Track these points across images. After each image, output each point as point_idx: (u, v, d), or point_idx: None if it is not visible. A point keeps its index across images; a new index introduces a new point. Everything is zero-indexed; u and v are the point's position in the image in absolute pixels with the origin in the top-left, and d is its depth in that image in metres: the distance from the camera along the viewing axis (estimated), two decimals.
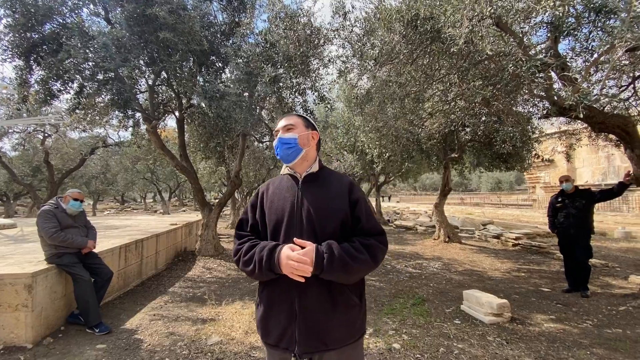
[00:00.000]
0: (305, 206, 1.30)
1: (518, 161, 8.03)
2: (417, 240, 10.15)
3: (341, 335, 1.27)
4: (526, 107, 5.77)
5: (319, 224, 1.27)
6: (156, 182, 22.66)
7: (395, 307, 4.17)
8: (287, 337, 1.25)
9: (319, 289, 1.24)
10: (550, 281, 5.37)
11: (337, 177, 1.40)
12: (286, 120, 1.41)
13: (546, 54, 3.56)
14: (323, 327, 1.24)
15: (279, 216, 1.31)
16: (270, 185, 1.44)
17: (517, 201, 26.97)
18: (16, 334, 3.06)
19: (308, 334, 1.23)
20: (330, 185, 1.36)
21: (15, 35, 4.32)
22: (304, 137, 1.38)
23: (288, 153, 1.36)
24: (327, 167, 1.46)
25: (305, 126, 1.41)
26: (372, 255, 1.26)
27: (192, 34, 4.63)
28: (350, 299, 1.29)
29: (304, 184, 1.36)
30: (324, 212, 1.29)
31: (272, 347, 1.30)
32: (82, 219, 3.91)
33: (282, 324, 1.26)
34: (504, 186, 49.95)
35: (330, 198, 1.32)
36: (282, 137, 1.37)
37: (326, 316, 1.24)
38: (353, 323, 1.30)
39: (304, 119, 1.45)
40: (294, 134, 1.37)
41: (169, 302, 4.43)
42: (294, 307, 1.24)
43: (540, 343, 3.15)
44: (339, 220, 1.29)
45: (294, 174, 1.40)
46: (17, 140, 12.06)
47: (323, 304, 1.24)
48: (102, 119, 6.36)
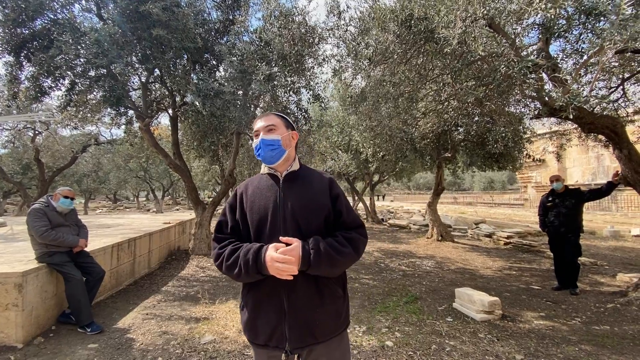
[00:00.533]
0: (288, 204, 1.30)
1: (510, 161, 8.13)
2: (411, 239, 10.22)
3: (329, 327, 1.30)
4: (518, 107, 5.85)
5: (303, 221, 1.28)
6: (149, 181, 22.45)
7: (389, 305, 4.21)
8: (276, 336, 1.26)
9: (307, 284, 1.26)
10: (541, 279, 5.46)
11: (317, 175, 1.41)
12: (266, 120, 1.40)
13: (537, 55, 3.61)
14: (313, 321, 1.26)
15: (262, 216, 1.31)
16: (249, 185, 1.42)
17: (509, 200, 27.29)
18: (6, 333, 3.02)
19: (299, 329, 1.25)
20: (312, 183, 1.37)
21: (5, 30, 4.25)
22: (286, 138, 1.39)
23: (272, 155, 1.36)
24: (306, 166, 1.48)
25: (285, 127, 1.41)
26: (355, 248, 1.30)
27: (186, 31, 4.60)
28: (335, 291, 1.32)
29: (285, 183, 1.36)
30: (308, 209, 1.30)
31: (261, 347, 1.30)
32: (73, 217, 3.87)
33: (271, 323, 1.26)
34: (496, 186, 50.54)
35: (313, 195, 1.33)
36: (265, 138, 1.36)
37: (315, 310, 1.26)
38: (339, 314, 1.33)
39: (284, 119, 1.44)
40: (276, 135, 1.36)
41: (162, 301, 4.41)
42: (283, 305, 1.25)
43: (530, 340, 3.21)
44: (323, 216, 1.31)
45: (274, 173, 1.40)
46: (7, 137, 11.86)
47: (312, 299, 1.27)
48: (94, 116, 6.28)
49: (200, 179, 14.13)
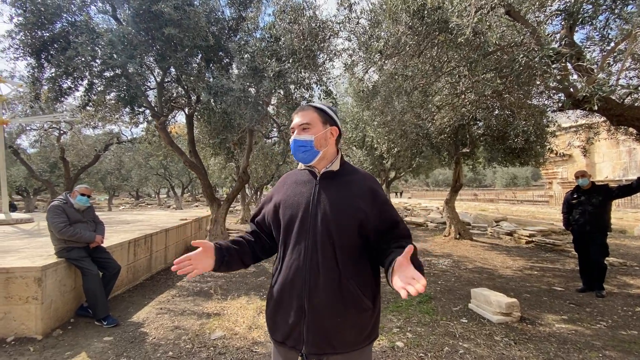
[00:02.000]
0: (321, 203, 1.23)
1: (532, 156, 7.77)
2: (427, 237, 10.01)
3: (350, 339, 1.21)
4: (541, 99, 5.57)
5: (335, 222, 1.20)
6: (169, 178, 23.06)
7: (401, 305, 4.11)
8: (294, 335, 1.21)
9: (331, 288, 1.18)
10: (564, 280, 5.20)
11: (360, 176, 1.31)
12: (302, 116, 1.29)
13: (560, 44, 3.40)
14: (332, 329, 1.18)
15: (293, 211, 1.25)
16: (287, 179, 1.38)
17: (532, 197, 26.27)
18: (27, 325, 3.15)
19: (316, 334, 1.18)
20: (352, 184, 1.27)
21: (27, 33, 4.41)
22: (321, 137, 1.27)
23: (304, 156, 1.29)
24: (350, 164, 1.37)
25: (322, 123, 1.29)
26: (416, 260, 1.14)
27: (198, 29, 4.63)
28: (362, 302, 1.21)
29: (322, 180, 1.29)
30: (342, 210, 1.21)
31: (279, 343, 1.26)
32: (90, 214, 3.99)
33: (290, 321, 1.21)
34: (519, 182, 48.76)
35: (351, 197, 1.24)
36: (297, 138, 1.27)
37: (336, 317, 1.18)
38: (364, 327, 1.23)
39: (322, 112, 1.32)
40: (309, 135, 1.26)
41: (176, 296, 4.49)
42: (304, 305, 1.19)
43: (550, 344, 3.04)
44: (358, 220, 1.21)
45: (312, 170, 1.33)
46: (35, 137, 12.48)
47: (334, 305, 1.18)
48: (113, 115, 6.45)
49: (217, 176, 14.35)
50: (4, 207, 7.66)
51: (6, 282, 3.15)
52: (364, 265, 1.25)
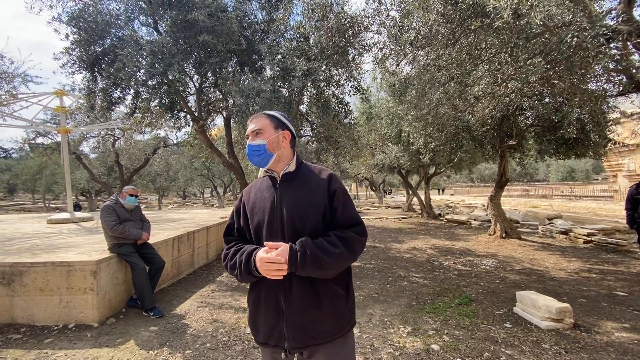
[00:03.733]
0: (285, 204, 1.29)
1: (589, 147, 7.03)
2: (470, 235, 9.50)
3: (328, 328, 1.27)
4: (598, 83, 5.01)
5: (299, 220, 1.26)
6: (212, 178, 24.25)
7: (438, 306, 3.94)
8: (275, 334, 1.27)
9: (303, 284, 1.25)
10: (628, 284, 4.65)
11: (317, 172, 1.37)
12: (255, 123, 1.37)
13: (617, 20, 3.02)
14: (310, 321, 1.25)
15: (260, 217, 1.32)
16: (252, 188, 1.44)
17: (593, 192, 23.83)
18: (85, 313, 3.49)
19: (296, 329, 1.24)
20: (310, 181, 1.34)
21: (81, 49, 4.87)
22: (273, 140, 1.35)
23: (259, 160, 1.35)
24: (307, 163, 1.44)
25: (274, 128, 1.37)
26: (349, 248, 1.24)
27: (230, 34, 4.79)
28: (334, 291, 1.28)
29: (282, 183, 1.35)
30: (303, 208, 1.28)
31: (263, 345, 1.32)
32: (137, 213, 4.31)
33: (269, 321, 1.28)
34: (578, 175, 44.40)
35: (310, 193, 1.30)
36: (251, 143, 1.35)
37: (312, 310, 1.25)
38: (340, 315, 1.29)
39: (273, 118, 1.39)
40: (262, 139, 1.34)
41: (215, 291, 4.71)
42: (280, 304, 1.26)
43: (608, 354, 2.74)
44: (320, 214, 1.28)
45: (271, 174, 1.39)
46: (94, 143, 13.83)
47: (308, 298, 1.25)
48: (158, 121, 6.91)
49: (255, 175, 14.83)
50: (69, 207, 8.55)
51: (68, 274, 3.51)
52: None
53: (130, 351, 2.96)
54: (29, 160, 21.34)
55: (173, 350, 2.97)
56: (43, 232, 6.32)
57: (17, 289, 3.48)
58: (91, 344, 3.10)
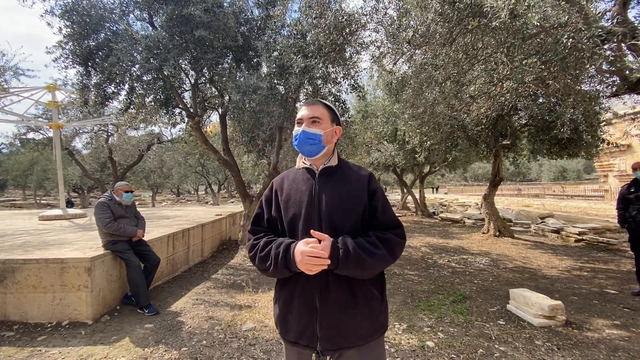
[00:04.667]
0: (323, 199, 1.24)
1: (582, 147, 7.13)
2: (464, 234, 9.59)
3: (363, 331, 1.22)
4: (592, 84, 5.07)
5: (338, 217, 1.22)
6: (206, 175, 24.09)
7: (433, 304, 3.98)
8: (307, 334, 1.22)
9: (340, 284, 1.20)
10: (619, 282, 4.74)
11: (356, 170, 1.34)
12: (312, 110, 1.31)
13: (612, 22, 3.06)
14: (345, 323, 1.20)
15: (296, 210, 1.26)
16: (284, 179, 1.38)
17: (584, 192, 24.18)
18: (79, 311, 3.45)
19: (330, 330, 1.19)
20: (349, 178, 1.29)
21: (75, 43, 4.80)
22: (329, 133, 1.31)
23: (311, 149, 1.30)
24: (345, 160, 1.39)
25: (331, 120, 1.33)
26: (390, 250, 1.20)
27: (227, 30, 4.75)
28: (371, 292, 1.24)
29: (320, 177, 1.30)
30: (343, 205, 1.23)
31: (292, 344, 1.27)
32: (132, 209, 4.27)
33: (302, 320, 1.22)
34: (569, 175, 45.01)
35: (350, 191, 1.26)
36: (307, 130, 1.28)
37: (348, 311, 1.20)
38: (375, 318, 1.25)
39: (331, 110, 1.35)
40: (319, 129, 1.28)
41: (211, 288, 4.70)
42: (315, 303, 1.21)
43: (599, 351, 2.79)
44: (359, 212, 1.24)
45: (310, 167, 1.34)
46: (87, 139, 13.64)
47: (344, 299, 1.20)
48: (152, 117, 6.84)
49: (250, 173, 14.75)
50: (62, 203, 8.44)
51: (61, 271, 3.46)
52: None
53: (126, 349, 2.94)
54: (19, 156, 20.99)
55: (169, 347, 2.96)
56: (35, 228, 6.24)
57: (9, 286, 3.44)
58: (85, 341, 3.07)
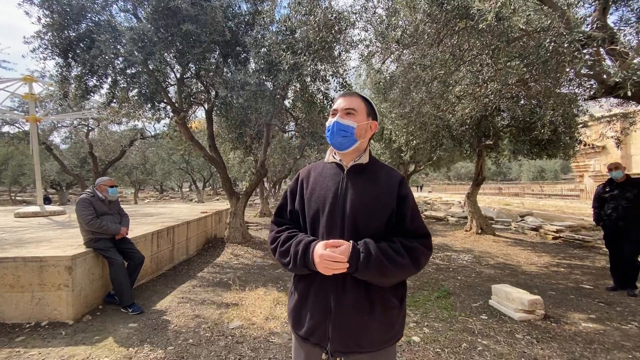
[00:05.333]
0: (349, 198, 1.19)
1: (560, 148, 7.40)
2: (448, 231, 9.80)
3: (377, 338, 1.19)
4: (571, 87, 5.27)
5: (362, 218, 1.17)
6: (191, 172, 23.68)
7: (419, 300, 4.06)
8: (319, 333, 1.19)
9: (357, 287, 1.16)
10: (594, 278, 4.96)
11: (388, 171, 1.27)
12: (348, 101, 1.25)
13: (592, 27, 3.18)
14: (358, 328, 1.16)
15: (319, 205, 1.22)
16: (311, 171, 1.33)
17: (561, 191, 25.11)
18: (59, 310, 3.34)
19: (342, 332, 1.16)
20: (379, 179, 1.23)
21: (54, 33, 4.61)
22: (363, 127, 1.24)
23: (342, 142, 1.23)
24: (377, 159, 1.33)
25: (367, 114, 1.26)
26: (414, 260, 1.14)
27: (215, 24, 4.67)
28: (389, 301, 1.19)
29: (349, 174, 1.25)
30: (368, 207, 1.18)
31: (303, 339, 1.25)
32: (116, 206, 4.16)
33: (315, 318, 1.20)
34: (547, 175, 46.71)
35: (378, 192, 1.20)
36: (340, 121, 1.22)
37: (362, 316, 1.17)
38: (391, 326, 1.20)
39: (368, 103, 1.28)
40: (353, 121, 1.22)
41: (197, 286, 4.63)
42: (330, 303, 1.18)
43: (576, 344, 2.92)
44: (385, 217, 1.18)
45: (339, 162, 1.28)
46: (66, 134, 13.14)
47: (360, 303, 1.16)
48: (136, 112, 6.66)
49: (237, 170, 14.60)
50: (39, 200, 8.13)
51: (40, 269, 3.34)
52: None
53: (109, 348, 2.87)
54: None
55: (154, 347, 2.91)
56: (10, 226, 5.99)
57: None
58: (66, 341, 2.98)
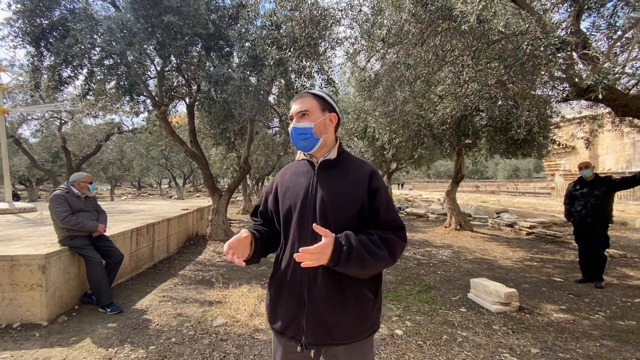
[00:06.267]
0: (319, 193, 1.22)
1: (535, 148, 7.72)
2: (428, 227, 10.04)
3: (351, 330, 1.21)
4: (545, 90, 5.50)
5: (332, 212, 1.19)
6: (170, 169, 23.08)
7: (401, 294, 4.15)
8: (294, 326, 1.22)
9: (330, 280, 1.18)
10: (564, 271, 5.22)
11: (358, 164, 1.29)
12: (300, 103, 1.27)
13: (567, 32, 3.33)
14: (331, 320, 1.18)
15: (292, 202, 1.25)
16: (287, 171, 1.37)
17: (534, 189, 26.24)
18: (32, 311, 3.20)
19: (315, 325, 1.19)
20: (349, 172, 1.26)
21: (25, 21, 4.36)
22: (320, 124, 1.26)
23: (305, 144, 1.26)
24: (348, 153, 1.35)
25: (321, 110, 1.28)
26: (391, 251, 1.16)
27: (198, 17, 4.57)
28: (362, 293, 1.21)
29: (320, 170, 1.27)
30: (339, 199, 1.20)
31: (279, 334, 1.27)
32: (93, 203, 4.01)
33: (290, 312, 1.23)
34: (521, 174, 48.72)
35: (348, 185, 1.22)
36: (296, 126, 1.25)
37: (335, 309, 1.18)
38: (365, 319, 1.22)
39: (320, 99, 1.30)
40: (308, 122, 1.24)
41: (178, 285, 4.55)
42: (303, 296, 1.20)
43: (548, 333, 3.08)
44: (355, 209, 1.20)
45: (310, 159, 1.31)
46: (36, 126, 12.44)
47: (333, 296, 1.18)
48: (113, 105, 6.42)
49: (218, 166, 14.35)
50: (7, 196, 7.71)
51: (11, 269, 3.19)
52: None
53: (87, 349, 2.78)
54: None
55: (135, 346, 2.84)
56: None
57: None
58: (41, 343, 2.86)
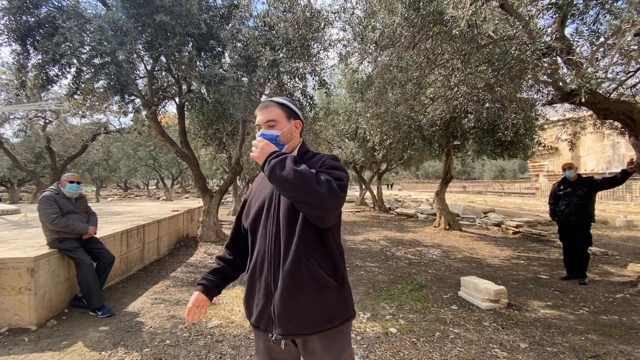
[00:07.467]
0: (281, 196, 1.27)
1: (520, 149, 7.94)
2: (418, 227, 10.18)
3: (315, 319, 1.21)
4: (531, 93, 5.68)
5: (294, 213, 1.22)
6: (158, 169, 22.72)
7: (393, 293, 4.22)
8: (265, 318, 1.24)
9: (291, 269, 1.19)
10: (549, 268, 5.39)
11: (317, 158, 1.31)
12: (266, 114, 1.31)
13: (552, 38, 3.46)
14: (295, 309, 1.19)
15: (259, 205, 1.32)
16: (256, 180, 1.45)
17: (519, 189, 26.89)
18: (20, 316, 3.12)
19: (281, 315, 1.20)
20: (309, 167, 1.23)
21: (11, 18, 4.25)
22: (287, 132, 1.32)
23: None
24: (310, 152, 1.38)
25: (287, 118, 1.33)
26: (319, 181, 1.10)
27: (190, 16, 4.54)
28: (323, 280, 1.21)
29: None
30: None
31: (255, 327, 1.30)
32: (83, 204, 3.93)
33: (260, 304, 1.25)
34: (507, 174, 49.83)
35: None
36: (264, 133, 1.29)
37: (295, 297, 1.19)
38: (329, 306, 1.23)
39: (285, 108, 1.34)
40: (276, 131, 1.29)
41: (170, 287, 4.50)
42: (271, 288, 1.23)
43: (536, 328, 3.18)
44: None
45: None
46: (19, 126, 12.05)
47: (292, 284, 1.19)
48: (101, 104, 6.31)
49: (208, 167, 14.20)
50: None
51: None
52: (326, 243, 1.25)
53: (79, 353, 2.73)
54: None
55: (129, 349, 2.81)
56: None
57: None
58: (30, 348, 2.80)
